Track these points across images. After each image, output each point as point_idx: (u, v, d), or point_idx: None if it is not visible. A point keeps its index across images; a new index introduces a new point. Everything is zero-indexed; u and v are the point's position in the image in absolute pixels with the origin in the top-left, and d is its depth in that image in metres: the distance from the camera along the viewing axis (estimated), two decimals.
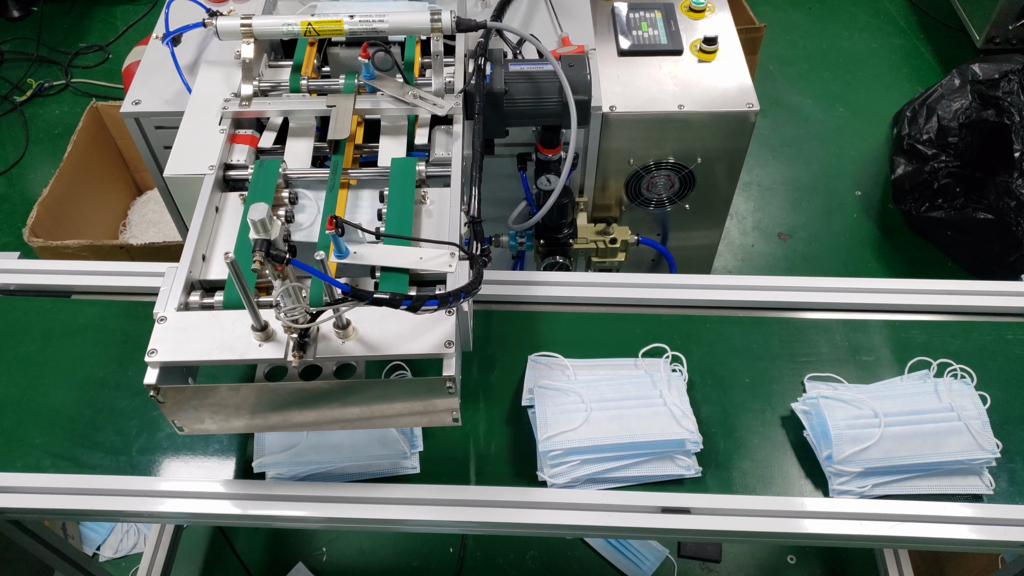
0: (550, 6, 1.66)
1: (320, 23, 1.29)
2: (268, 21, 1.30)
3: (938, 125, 2.44)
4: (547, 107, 1.38)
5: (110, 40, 3.28)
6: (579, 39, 1.59)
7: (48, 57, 3.18)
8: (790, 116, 2.98)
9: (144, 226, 2.47)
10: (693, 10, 1.71)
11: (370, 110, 1.28)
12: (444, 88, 1.32)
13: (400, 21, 1.30)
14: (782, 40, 3.25)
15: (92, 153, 2.36)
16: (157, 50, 1.54)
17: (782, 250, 2.61)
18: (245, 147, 1.25)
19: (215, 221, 1.16)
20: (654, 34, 1.66)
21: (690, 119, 1.54)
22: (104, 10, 3.43)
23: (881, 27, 3.34)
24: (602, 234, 1.66)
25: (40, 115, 3.00)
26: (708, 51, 1.61)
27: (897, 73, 3.15)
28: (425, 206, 1.17)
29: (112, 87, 3.05)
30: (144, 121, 1.47)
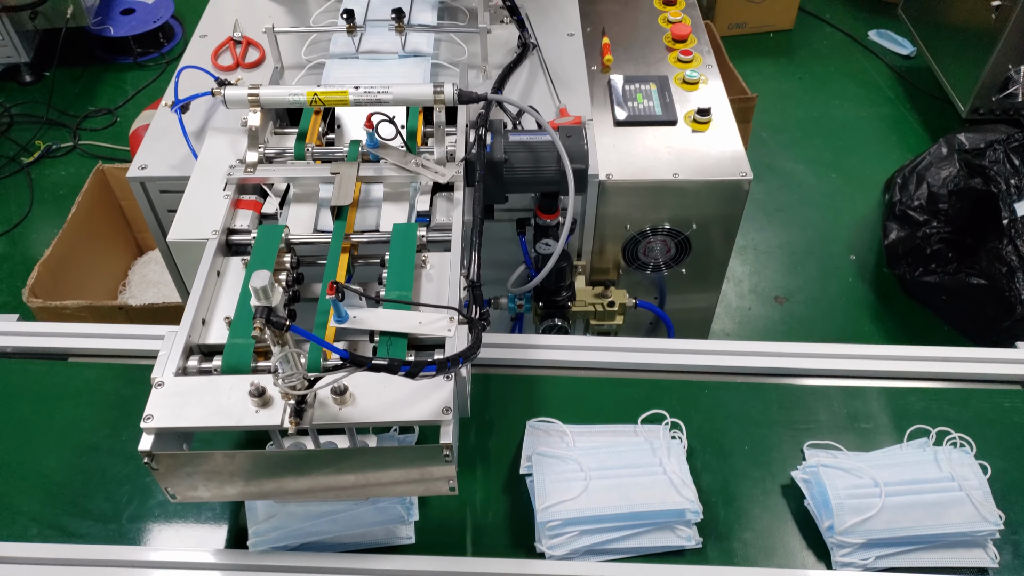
0: (549, 78, 1.71)
1: (326, 94, 1.32)
2: (275, 91, 1.33)
3: (928, 192, 2.49)
4: (546, 175, 1.40)
5: (119, 104, 3.34)
6: (577, 110, 1.63)
7: (57, 120, 3.25)
8: (784, 182, 3.03)
9: (144, 286, 2.48)
10: (687, 82, 1.76)
11: (373, 178, 1.30)
12: (446, 156, 1.35)
13: (404, 93, 1.33)
14: (774, 108, 3.33)
15: (96, 214, 2.39)
16: (165, 116, 1.58)
17: (779, 313, 2.62)
18: (248, 212, 1.27)
19: (216, 285, 1.16)
20: (649, 105, 1.70)
21: (685, 187, 1.56)
22: (114, 75, 3.51)
23: (870, 96, 3.42)
24: (600, 297, 1.68)
25: (46, 176, 3.04)
26: (702, 122, 1.65)
27: (887, 141, 3.21)
28: (425, 270, 1.19)
29: (118, 149, 3.10)
30: (150, 185, 1.49)
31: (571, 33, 1.85)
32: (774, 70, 3.58)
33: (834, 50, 3.69)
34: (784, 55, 3.67)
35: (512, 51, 1.78)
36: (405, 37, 1.71)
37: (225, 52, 1.76)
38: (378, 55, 1.71)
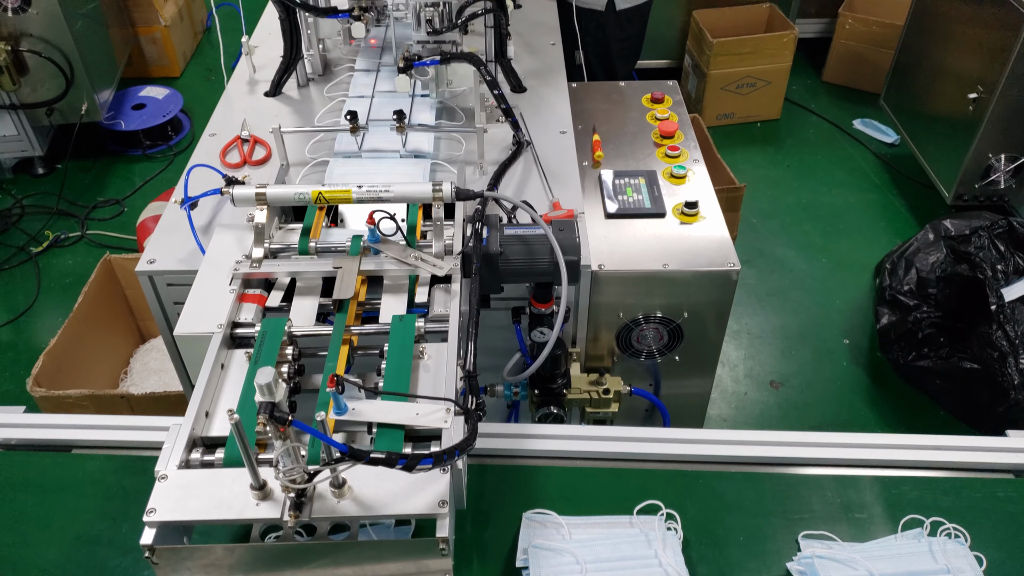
0: (542, 173, 1.78)
1: (330, 192, 1.39)
2: (281, 190, 1.39)
3: (917, 277, 2.54)
4: (540, 267, 1.45)
5: (127, 194, 3.44)
6: (569, 203, 1.70)
7: (67, 210, 3.34)
8: (775, 266, 3.09)
9: (145, 374, 2.51)
10: (675, 176, 1.83)
11: (374, 271, 1.35)
12: (444, 250, 1.41)
13: (404, 191, 1.40)
14: (764, 195, 3.42)
15: (101, 303, 2.44)
16: (174, 212, 1.64)
17: (775, 398, 2.64)
18: (253, 306, 1.31)
19: (220, 377, 1.20)
20: (639, 199, 1.77)
21: (674, 277, 1.61)
22: (123, 166, 3.63)
23: (857, 183, 3.53)
24: (595, 384, 1.70)
25: (54, 265, 3.11)
26: (690, 214, 1.72)
27: (875, 226, 3.30)
28: (423, 361, 1.22)
29: (125, 238, 3.17)
30: (157, 279, 1.54)
31: (563, 131, 1.93)
32: (763, 158, 3.69)
33: (820, 139, 3.82)
34: (772, 144, 3.79)
35: (507, 148, 1.86)
36: (406, 136, 1.79)
37: (233, 150, 1.84)
38: (380, 153, 1.79)
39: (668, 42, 3.99)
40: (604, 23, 2.58)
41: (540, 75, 2.14)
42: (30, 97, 3.22)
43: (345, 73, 2.11)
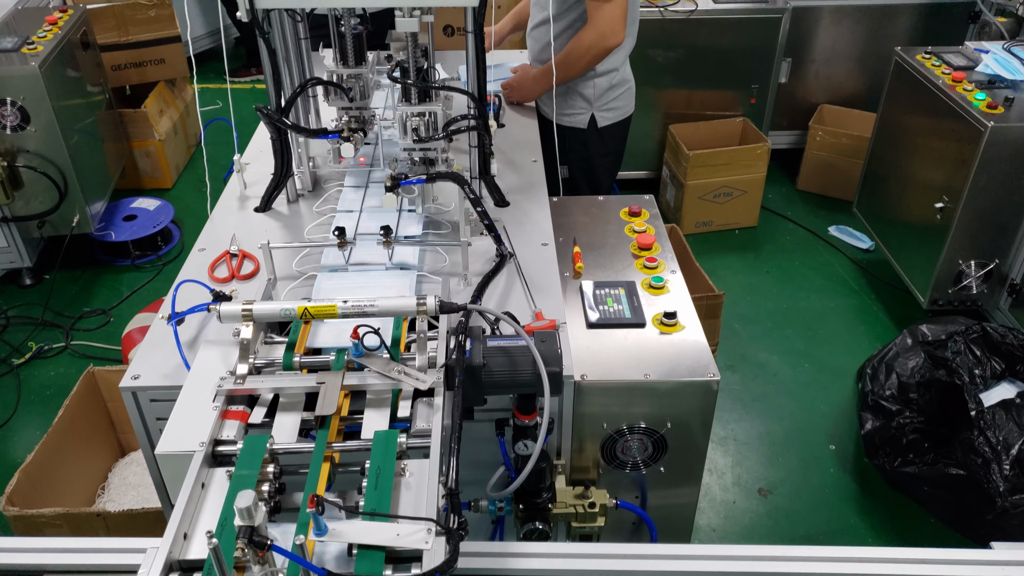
0: (525, 284, 1.82)
1: (315, 307, 1.41)
2: (267, 307, 1.42)
3: (898, 382, 2.57)
4: (522, 378, 1.47)
5: (114, 304, 3.46)
6: (551, 313, 1.73)
7: (52, 321, 3.35)
8: (758, 372, 3.12)
9: (124, 489, 2.46)
10: (653, 287, 1.88)
11: (357, 386, 1.37)
12: (427, 363, 1.43)
13: (389, 305, 1.43)
14: (745, 301, 3.49)
15: (82, 416, 2.42)
16: (161, 327, 1.65)
17: (764, 507, 2.61)
18: (236, 422, 1.31)
19: (200, 496, 1.19)
20: (619, 309, 1.81)
21: (656, 387, 1.63)
22: (112, 276, 3.66)
23: (835, 288, 3.61)
24: (581, 498, 1.69)
25: (35, 377, 3.09)
26: (669, 324, 1.75)
27: (855, 330, 3.35)
28: (404, 478, 1.22)
29: (110, 349, 3.17)
30: (141, 395, 1.54)
31: (545, 243, 1.99)
32: (742, 264, 3.78)
33: (797, 245, 3.92)
34: (750, 250, 3.89)
35: (491, 260, 1.90)
36: (392, 250, 1.84)
37: (222, 265, 1.87)
38: (367, 267, 1.83)
39: (647, 154, 4.15)
40: (587, 140, 2.69)
41: (523, 190, 2.21)
42: (23, 210, 3.28)
43: (334, 189, 2.17)
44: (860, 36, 4.14)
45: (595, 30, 2.39)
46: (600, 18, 2.37)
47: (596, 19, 2.38)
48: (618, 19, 2.38)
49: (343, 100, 2.02)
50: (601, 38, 2.39)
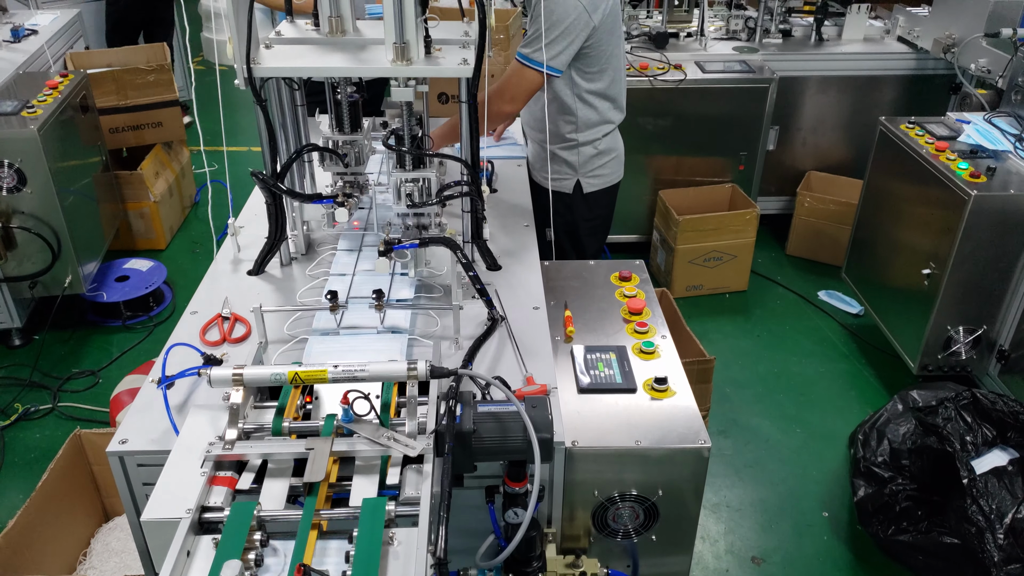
0: (516, 348, 1.83)
1: (306, 372, 1.41)
2: (257, 372, 1.42)
3: (890, 448, 2.56)
4: (513, 444, 1.46)
5: (103, 365, 3.44)
6: (543, 378, 1.73)
7: (39, 382, 3.31)
8: (750, 437, 3.11)
9: (106, 555, 2.40)
10: (644, 352, 1.89)
11: (346, 452, 1.36)
12: (417, 429, 1.42)
13: (380, 370, 1.43)
14: (736, 365, 3.49)
15: (66, 480, 2.38)
16: (150, 391, 1.65)
17: (758, 575, 2.57)
18: (224, 489, 1.30)
19: (185, 565, 1.17)
20: (610, 374, 1.81)
21: (647, 454, 1.63)
22: (102, 337, 3.64)
23: (826, 353, 3.62)
24: (572, 567, 1.66)
25: (20, 439, 3.05)
26: (659, 390, 1.76)
27: (846, 395, 3.35)
28: (392, 547, 1.21)
29: (98, 411, 3.14)
30: (128, 459, 1.52)
31: (536, 307, 2.00)
32: (733, 328, 3.80)
33: (787, 309, 3.95)
34: (741, 314, 3.92)
35: (483, 323, 1.91)
36: (384, 314, 1.85)
37: (213, 328, 1.87)
38: (358, 330, 1.84)
39: (637, 218, 4.20)
40: (572, 204, 2.73)
41: (514, 254, 2.24)
42: (15, 271, 3.28)
43: (328, 252, 2.19)
44: (845, 105, 4.25)
45: (497, 87, 2.45)
46: (507, 79, 2.46)
47: (504, 77, 2.47)
48: (520, 91, 2.45)
49: (338, 166, 2.05)
50: (496, 94, 2.44)
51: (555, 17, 2.35)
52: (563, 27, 2.36)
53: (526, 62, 2.41)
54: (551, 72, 2.42)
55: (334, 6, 1.92)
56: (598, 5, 2.40)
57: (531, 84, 2.44)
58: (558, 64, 2.43)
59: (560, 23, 2.36)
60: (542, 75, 2.41)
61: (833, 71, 4.18)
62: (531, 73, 2.42)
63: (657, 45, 4.09)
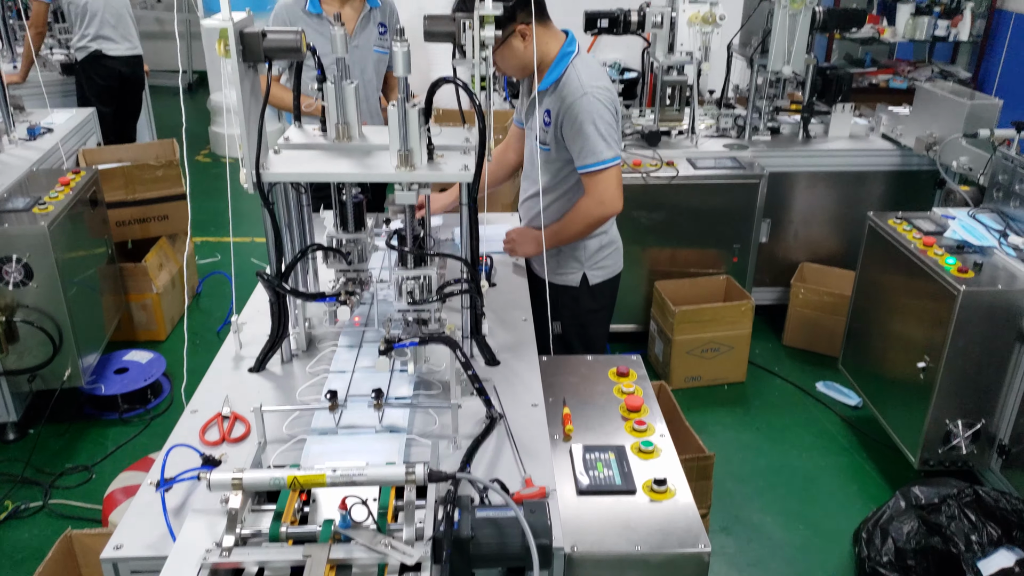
0: (515, 448, 1.83)
1: (305, 476, 1.42)
2: (256, 476, 1.42)
3: (895, 547, 2.52)
4: (511, 551, 1.45)
5: (97, 460, 3.40)
6: (541, 479, 1.72)
7: (31, 478, 3.27)
8: (753, 534, 3.06)
9: None
10: (643, 451, 1.89)
11: (343, 560, 1.35)
12: (415, 535, 1.41)
13: (378, 474, 1.43)
14: (736, 459, 3.47)
15: None
16: (148, 493, 1.64)
17: None
18: None
19: None
20: (609, 474, 1.81)
21: (647, 559, 1.61)
22: (98, 431, 3.62)
23: (826, 446, 3.60)
24: None
25: (8, 538, 2.99)
26: (659, 491, 1.75)
27: (848, 490, 3.31)
28: None
29: (90, 508, 3.08)
30: (122, 566, 1.50)
31: (535, 404, 2.01)
32: (732, 420, 3.79)
33: (786, 401, 3.95)
34: (740, 406, 3.91)
35: (481, 421, 1.92)
36: (383, 413, 1.86)
37: (213, 427, 1.88)
38: (356, 429, 1.84)
39: (635, 309, 4.24)
40: (579, 296, 2.78)
41: (513, 349, 2.26)
42: (15, 364, 3.29)
43: (328, 348, 2.21)
44: (834, 199, 4.37)
45: (594, 199, 2.54)
46: (598, 189, 2.52)
47: (594, 190, 2.53)
48: (614, 188, 2.53)
49: (342, 263, 2.10)
50: (600, 206, 2.54)
51: (594, 115, 2.45)
52: (605, 118, 2.47)
53: (602, 167, 2.49)
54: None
55: (341, 113, 2.01)
56: (614, 100, 2.53)
57: (618, 176, 2.54)
58: (620, 148, 2.54)
59: (601, 116, 2.46)
60: (619, 165, 2.51)
61: (821, 167, 4.31)
62: (612, 170, 2.51)
63: (650, 143, 4.22)
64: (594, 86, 2.45)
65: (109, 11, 5.33)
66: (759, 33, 4.29)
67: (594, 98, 2.44)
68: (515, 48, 2.45)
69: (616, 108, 2.53)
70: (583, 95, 2.43)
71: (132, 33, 5.55)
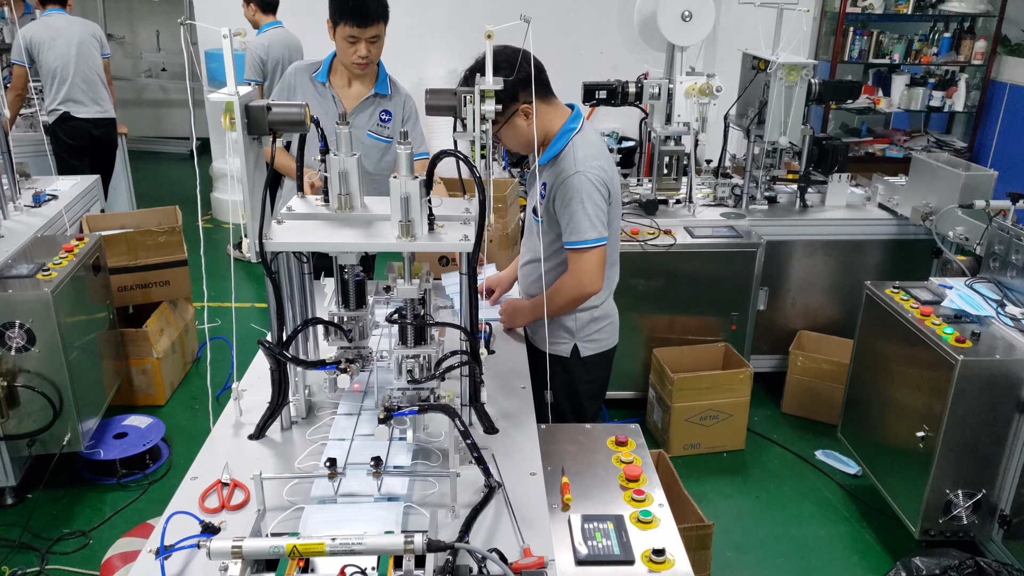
0: (513, 517, 1.83)
1: (304, 545, 1.43)
2: (256, 544, 1.43)
3: None
4: None
5: (95, 525, 3.37)
6: (539, 549, 1.72)
7: (28, 543, 3.24)
8: None
9: None
10: (641, 521, 1.89)
11: None
12: None
13: (376, 543, 1.44)
14: (735, 528, 3.44)
15: None
16: (147, 560, 1.63)
17: None
18: None
19: None
20: (608, 544, 1.81)
21: None
22: (96, 496, 3.59)
23: (826, 515, 3.57)
24: None
25: None
26: (658, 561, 1.75)
27: (848, 560, 3.28)
28: None
29: (87, 574, 3.05)
30: None
31: (533, 472, 2.02)
32: (731, 488, 3.76)
33: (785, 469, 3.93)
34: (739, 474, 3.89)
35: (480, 489, 1.92)
36: (381, 481, 1.87)
37: (213, 494, 1.89)
38: (355, 498, 1.85)
39: (633, 376, 4.26)
40: (570, 367, 2.79)
41: (511, 416, 2.27)
42: (15, 429, 3.29)
43: (328, 416, 2.23)
44: (832, 268, 4.42)
45: (574, 278, 2.58)
46: (578, 268, 2.57)
47: (574, 268, 2.58)
48: (594, 269, 2.56)
49: (342, 340, 2.13)
50: (579, 285, 2.57)
51: (583, 195, 2.50)
52: (594, 199, 2.51)
53: (584, 246, 2.53)
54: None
55: (344, 184, 2.07)
56: (612, 176, 2.58)
57: (600, 257, 2.57)
58: (605, 230, 2.57)
59: (590, 196, 2.50)
60: (602, 245, 2.55)
61: (818, 235, 4.38)
62: (594, 251, 2.54)
63: (647, 211, 4.31)
64: (589, 165, 2.50)
65: (79, 75, 5.53)
66: (755, 104, 4.41)
67: (585, 177, 2.49)
68: (518, 126, 2.52)
69: (610, 188, 2.57)
70: (575, 173, 2.49)
71: (103, 97, 5.74)
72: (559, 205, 2.55)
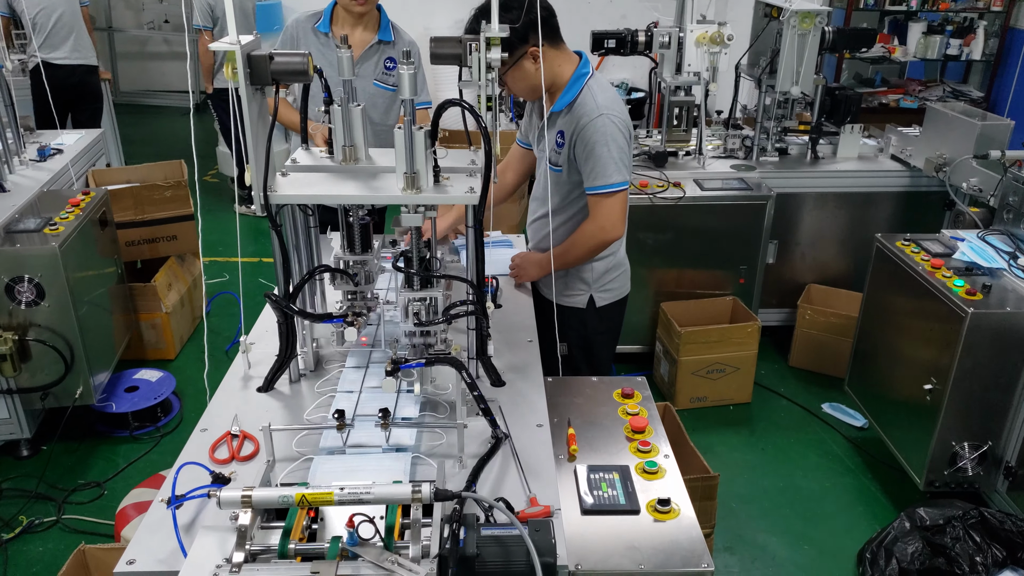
0: (520, 468, 1.85)
1: (313, 495, 1.44)
2: (265, 494, 1.45)
3: (899, 568, 2.52)
4: (516, 569, 1.47)
5: (109, 476, 3.44)
6: (546, 498, 1.74)
7: (45, 494, 3.31)
8: (758, 554, 3.06)
9: None
10: (647, 472, 1.91)
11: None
12: (421, 552, 1.43)
13: (384, 493, 1.46)
14: (741, 479, 3.47)
15: None
16: (159, 510, 1.66)
17: None
18: None
19: None
20: (613, 494, 1.83)
21: None
22: (109, 448, 3.65)
23: (831, 467, 3.60)
24: None
25: (23, 552, 3.02)
26: (663, 511, 1.77)
27: (853, 511, 3.31)
28: None
29: (102, 523, 3.11)
30: None
31: (539, 424, 2.03)
32: (738, 441, 3.79)
33: (792, 422, 3.95)
34: (745, 427, 3.91)
35: (487, 441, 1.94)
36: (389, 432, 1.88)
37: (223, 445, 1.91)
38: (363, 449, 1.87)
39: (640, 330, 4.26)
40: (585, 319, 2.79)
41: (518, 369, 2.28)
42: (27, 382, 3.33)
43: (336, 369, 2.24)
44: (842, 220, 4.38)
45: (596, 224, 2.56)
46: (601, 213, 2.54)
47: (597, 214, 2.55)
48: (618, 214, 2.55)
49: (349, 285, 2.13)
50: (602, 231, 2.56)
51: (608, 137, 2.46)
52: (618, 142, 2.48)
53: (609, 190, 2.51)
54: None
55: (348, 136, 2.04)
56: (629, 127, 2.54)
57: (624, 202, 2.56)
58: (630, 173, 2.55)
59: (615, 139, 2.47)
60: (626, 191, 2.53)
61: (829, 188, 4.33)
62: (619, 195, 2.52)
63: (656, 164, 4.26)
64: (611, 109, 2.47)
65: (60, 23, 5.48)
66: (767, 53, 4.33)
67: (610, 120, 2.45)
68: (526, 70, 2.47)
69: (630, 134, 2.54)
70: (599, 115, 2.45)
71: (85, 43, 5.70)
72: (580, 151, 2.51)
